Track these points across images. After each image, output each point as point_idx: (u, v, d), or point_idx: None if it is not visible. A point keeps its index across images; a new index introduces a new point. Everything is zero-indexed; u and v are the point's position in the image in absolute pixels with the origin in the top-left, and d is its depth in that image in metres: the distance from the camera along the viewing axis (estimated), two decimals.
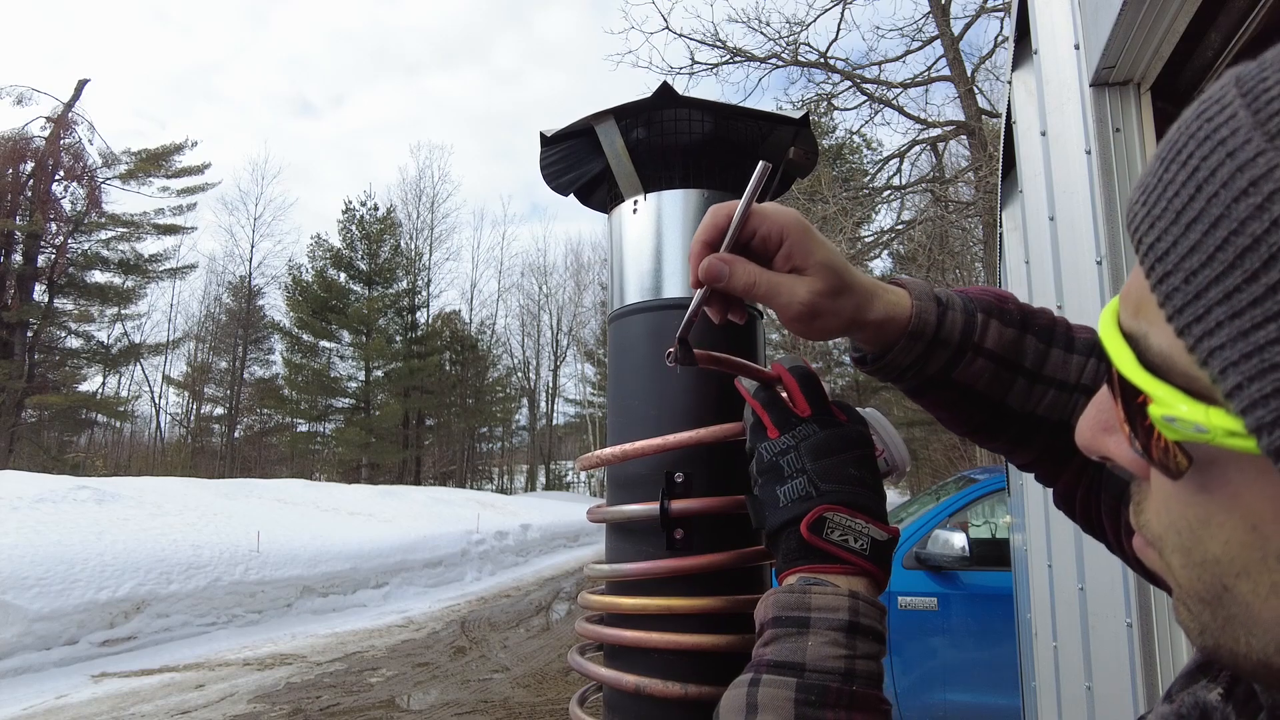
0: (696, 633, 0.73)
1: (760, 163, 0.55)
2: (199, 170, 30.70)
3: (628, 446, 0.76)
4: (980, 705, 4.11)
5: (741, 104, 0.85)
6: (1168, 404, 0.28)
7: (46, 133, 27.72)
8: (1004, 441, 0.64)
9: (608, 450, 0.78)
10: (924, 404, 0.65)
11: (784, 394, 0.65)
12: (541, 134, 0.88)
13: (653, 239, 0.83)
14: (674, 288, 0.81)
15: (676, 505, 0.73)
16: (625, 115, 0.84)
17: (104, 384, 31.09)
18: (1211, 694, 0.39)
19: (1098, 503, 0.61)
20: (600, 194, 0.95)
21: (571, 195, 0.95)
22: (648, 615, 0.75)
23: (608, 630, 0.78)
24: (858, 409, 0.67)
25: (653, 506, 0.74)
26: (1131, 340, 0.31)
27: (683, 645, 0.72)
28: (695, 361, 0.63)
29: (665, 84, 0.79)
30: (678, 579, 0.74)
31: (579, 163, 0.90)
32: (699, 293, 0.59)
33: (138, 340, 30.83)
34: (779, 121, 0.86)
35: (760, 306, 0.86)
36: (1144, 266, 0.29)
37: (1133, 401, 0.31)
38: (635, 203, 0.84)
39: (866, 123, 14.87)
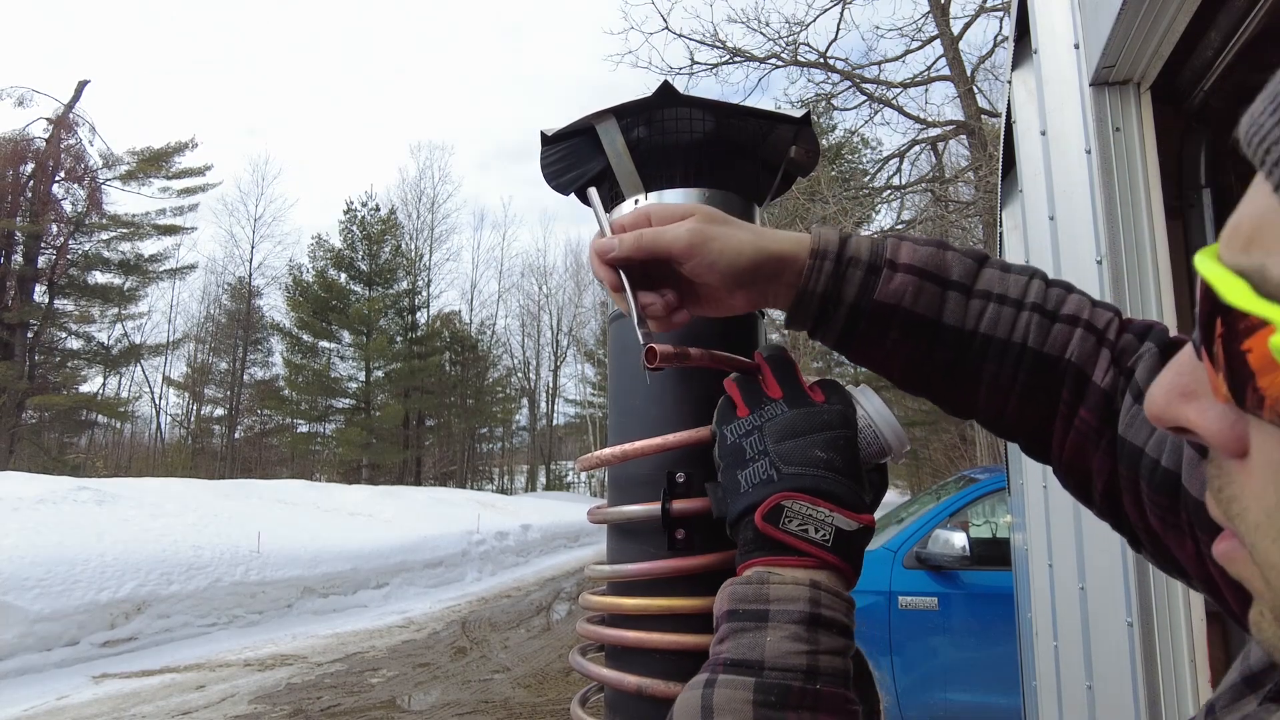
0: (699, 633, 0.72)
1: (590, 189, 0.59)
2: (200, 171, 30.74)
3: (628, 446, 0.76)
4: (981, 705, 4.11)
5: (742, 104, 0.86)
6: None
7: (47, 134, 27.74)
8: (955, 385, 0.57)
9: (608, 450, 0.78)
10: (861, 355, 0.59)
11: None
12: (542, 133, 0.88)
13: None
14: None
15: (678, 505, 0.73)
16: (626, 114, 0.84)
17: (104, 385, 31.12)
18: (1276, 717, 0.34)
19: (1123, 495, 0.53)
20: (600, 194, 0.95)
21: (572, 195, 0.95)
22: (649, 616, 0.75)
23: (609, 631, 0.78)
24: (849, 387, 0.62)
25: (654, 507, 0.74)
26: (1245, 275, 0.26)
27: (685, 646, 0.72)
28: (671, 362, 0.62)
29: (666, 83, 0.79)
30: (679, 579, 0.74)
31: (579, 162, 0.90)
32: (625, 292, 0.58)
33: (138, 341, 30.87)
34: (780, 120, 0.86)
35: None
36: (1273, 179, 0.25)
37: (1238, 345, 0.25)
38: (636, 202, 0.84)
39: (866, 122, 14.91)
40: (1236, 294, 0.25)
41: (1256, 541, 0.28)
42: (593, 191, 0.57)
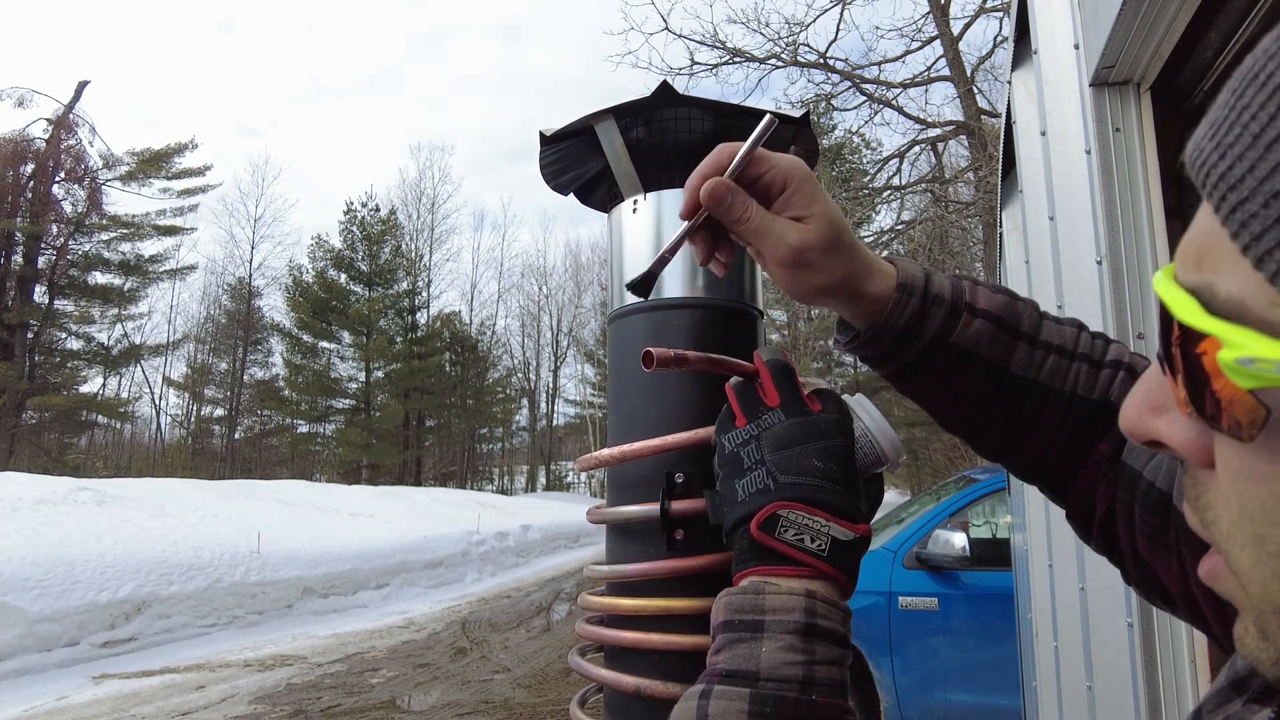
0: (697, 634, 0.72)
1: (767, 114, 0.54)
2: (200, 172, 30.75)
3: (627, 447, 0.76)
4: (981, 705, 4.10)
5: (742, 104, 0.85)
6: (1241, 345, 0.25)
7: (47, 134, 27.75)
8: (1008, 428, 0.59)
9: (607, 451, 0.78)
10: (918, 388, 0.59)
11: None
12: (541, 133, 0.88)
13: (653, 238, 0.83)
14: (674, 288, 0.81)
15: (677, 506, 0.73)
16: (625, 114, 0.84)
17: (104, 385, 31.12)
18: (1258, 716, 0.35)
19: (1117, 518, 0.56)
20: (600, 193, 0.95)
21: (571, 195, 0.95)
22: (648, 616, 0.75)
23: (608, 631, 0.78)
24: (844, 397, 0.63)
25: (653, 507, 0.74)
26: (1195, 292, 0.27)
27: (683, 646, 0.72)
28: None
29: (665, 83, 0.78)
30: (678, 580, 0.74)
31: (578, 162, 0.90)
32: (686, 224, 0.56)
33: (138, 341, 30.87)
34: (780, 120, 0.86)
35: (760, 307, 0.86)
36: (1213, 201, 0.26)
37: (1195, 359, 0.27)
38: (635, 202, 0.84)
39: (866, 123, 14.91)
40: (1188, 312, 0.27)
41: (1229, 549, 0.30)
42: (769, 119, 0.54)
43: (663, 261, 0.59)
